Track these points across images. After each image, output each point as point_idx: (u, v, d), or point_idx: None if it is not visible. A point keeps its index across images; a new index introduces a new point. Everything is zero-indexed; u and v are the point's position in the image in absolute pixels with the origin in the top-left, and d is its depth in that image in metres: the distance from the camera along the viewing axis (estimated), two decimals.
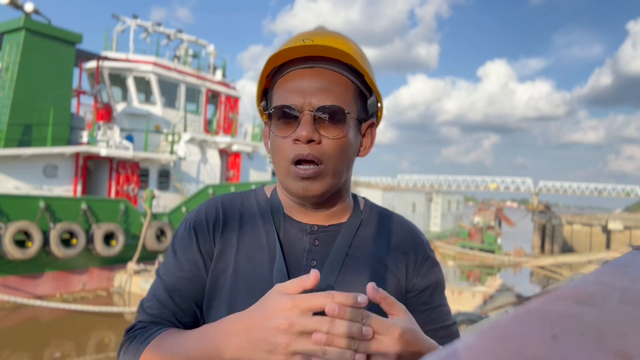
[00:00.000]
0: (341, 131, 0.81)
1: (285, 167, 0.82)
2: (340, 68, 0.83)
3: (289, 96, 0.81)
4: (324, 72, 0.82)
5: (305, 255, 0.85)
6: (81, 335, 9.36)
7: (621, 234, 29.81)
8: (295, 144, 0.80)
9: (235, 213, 0.90)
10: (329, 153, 0.81)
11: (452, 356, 0.20)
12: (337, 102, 0.81)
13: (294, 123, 0.81)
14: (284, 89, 0.83)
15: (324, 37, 0.83)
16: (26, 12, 11.45)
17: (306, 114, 0.80)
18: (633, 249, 0.56)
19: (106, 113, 14.14)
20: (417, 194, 32.74)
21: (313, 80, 0.81)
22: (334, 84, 0.82)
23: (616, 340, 0.21)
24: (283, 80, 0.84)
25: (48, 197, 10.95)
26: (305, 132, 0.79)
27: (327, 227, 0.88)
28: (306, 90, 0.81)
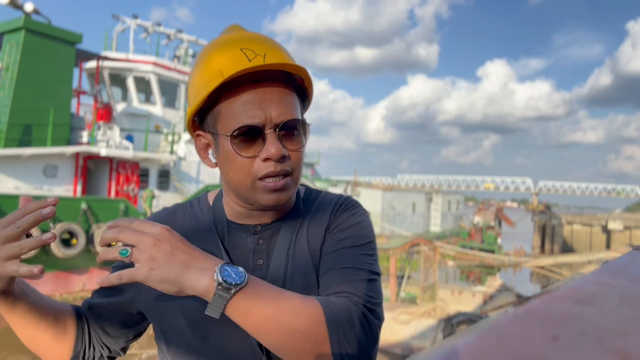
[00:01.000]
0: (301, 142, 0.84)
1: (250, 183, 0.82)
2: (283, 77, 0.83)
3: (246, 114, 0.80)
4: (274, 85, 0.81)
5: (251, 256, 0.87)
6: None
7: (621, 234, 29.81)
8: (265, 162, 0.80)
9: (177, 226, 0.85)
10: (295, 164, 0.83)
11: (452, 356, 0.20)
12: (294, 115, 0.82)
13: (258, 141, 0.80)
14: (238, 107, 0.80)
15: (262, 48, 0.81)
16: (26, 12, 11.45)
17: (270, 132, 0.80)
18: (633, 249, 0.56)
19: (106, 113, 14.13)
20: (417, 194, 32.74)
21: (267, 95, 0.80)
22: (284, 95, 0.82)
23: (616, 340, 0.21)
24: (233, 97, 0.81)
25: (48, 197, 10.96)
26: (275, 151, 0.79)
27: (270, 224, 0.89)
28: (264, 106, 0.80)
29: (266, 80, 0.81)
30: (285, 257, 0.86)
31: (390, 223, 26.25)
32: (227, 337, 0.82)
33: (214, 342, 0.83)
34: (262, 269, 0.85)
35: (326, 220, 0.91)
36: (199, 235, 0.88)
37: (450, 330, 9.11)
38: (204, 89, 0.81)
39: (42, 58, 11.61)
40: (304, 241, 0.89)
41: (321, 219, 0.91)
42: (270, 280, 0.82)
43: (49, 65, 11.75)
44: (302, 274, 0.85)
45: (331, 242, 0.87)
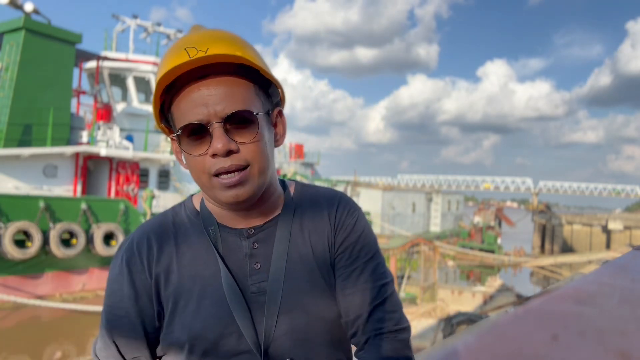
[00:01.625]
0: (256, 133, 0.80)
1: (207, 180, 0.80)
2: (233, 69, 0.80)
3: (192, 112, 0.78)
4: (219, 80, 0.79)
5: (248, 261, 0.85)
6: (81, 335, 9.36)
7: (621, 234, 29.82)
8: (214, 158, 0.78)
9: (168, 237, 0.87)
10: (251, 156, 0.80)
11: (452, 356, 0.20)
12: (242, 106, 0.79)
13: (206, 138, 0.78)
14: (183, 106, 0.79)
15: (207, 42, 0.78)
16: (26, 12, 11.45)
17: (216, 126, 0.78)
18: (633, 249, 0.56)
19: (106, 113, 14.13)
20: (417, 194, 32.73)
21: (211, 90, 0.78)
22: (232, 87, 0.79)
23: (616, 340, 0.21)
24: (180, 97, 0.80)
25: (48, 197, 10.95)
26: (221, 145, 0.77)
27: (263, 225, 0.88)
28: (207, 102, 0.78)
29: (211, 75, 0.79)
30: (285, 258, 0.85)
31: (390, 223, 26.25)
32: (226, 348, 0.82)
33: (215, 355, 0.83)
34: (260, 273, 0.84)
35: (327, 220, 0.90)
36: (192, 242, 0.86)
37: (450, 330, 9.10)
38: (155, 93, 0.81)
39: (42, 58, 11.62)
40: (303, 240, 0.88)
41: (320, 218, 0.90)
42: (272, 282, 0.83)
43: (49, 65, 11.75)
44: (305, 273, 0.85)
45: (346, 256, 0.88)
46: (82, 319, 9.88)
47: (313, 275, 0.86)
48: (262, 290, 0.83)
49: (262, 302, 0.83)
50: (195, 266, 0.84)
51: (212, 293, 0.82)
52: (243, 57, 0.79)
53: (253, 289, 0.83)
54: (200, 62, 0.77)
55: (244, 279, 0.83)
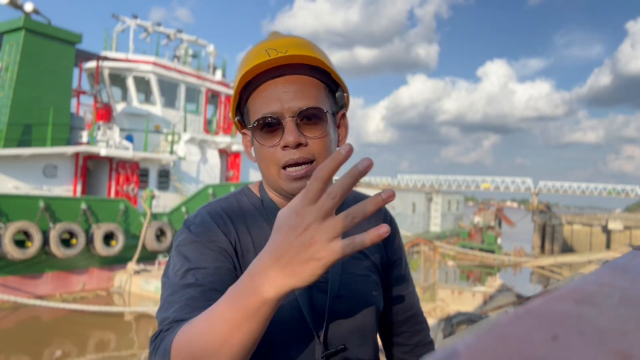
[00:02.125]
0: (323, 130, 0.87)
1: (276, 172, 0.87)
2: (307, 70, 0.88)
3: (267, 106, 0.85)
4: (294, 78, 0.86)
5: None
6: (81, 335, 9.36)
7: (621, 234, 29.81)
8: (284, 150, 0.85)
9: (237, 218, 0.91)
10: (317, 151, 0.86)
11: (452, 356, 0.20)
12: (313, 103, 0.86)
13: (278, 131, 0.85)
14: (260, 101, 0.87)
15: (286, 46, 0.86)
16: (26, 12, 11.45)
17: (288, 120, 0.84)
18: (633, 249, 0.56)
19: (106, 113, 14.13)
20: (417, 194, 32.72)
21: (286, 87, 0.85)
22: (305, 86, 0.87)
23: (616, 340, 0.21)
24: (257, 93, 0.87)
25: (48, 197, 10.95)
26: (292, 138, 0.83)
27: None
28: (282, 98, 0.85)
29: (288, 74, 0.86)
30: None
31: None
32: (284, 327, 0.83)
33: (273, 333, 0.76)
34: None
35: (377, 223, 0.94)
36: (260, 226, 0.92)
37: (450, 330, 9.10)
38: (235, 90, 0.91)
39: (42, 58, 11.61)
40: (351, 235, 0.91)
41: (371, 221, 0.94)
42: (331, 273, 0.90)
43: (49, 65, 11.74)
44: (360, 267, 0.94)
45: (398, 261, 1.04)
46: (82, 319, 9.88)
47: (367, 270, 0.96)
48: (324, 279, 0.88)
49: (324, 289, 0.88)
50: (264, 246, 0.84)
51: None
52: (317, 59, 0.87)
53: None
54: (279, 62, 0.85)
55: None
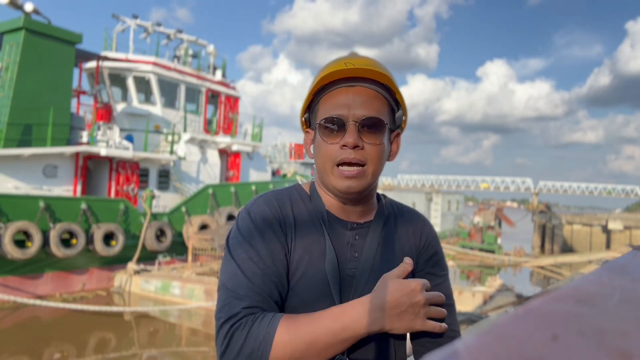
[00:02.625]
0: (380, 139, 0.98)
1: (330, 168, 0.97)
2: (376, 86, 0.99)
3: (336, 109, 0.97)
4: (364, 90, 0.98)
5: (349, 248, 1.00)
6: (81, 335, 9.36)
7: (621, 234, 29.79)
8: (342, 149, 0.96)
9: (287, 209, 1.01)
10: (370, 157, 0.97)
11: (452, 356, 0.20)
12: (376, 114, 0.97)
13: (341, 131, 0.96)
14: (330, 104, 0.98)
15: (361, 61, 0.98)
16: (26, 12, 11.44)
17: (351, 123, 0.96)
18: (633, 249, 0.56)
19: (106, 113, 14.13)
20: (417, 194, 32.73)
21: (356, 96, 0.97)
22: (372, 99, 0.98)
23: (616, 340, 0.21)
24: (329, 97, 0.99)
25: (48, 197, 10.95)
26: (352, 139, 0.94)
27: (362, 224, 1.04)
28: (350, 104, 0.97)
29: (359, 86, 0.98)
30: (373, 255, 1.01)
31: None
32: None
33: None
34: (357, 261, 0.99)
35: (413, 234, 1.09)
36: (306, 219, 1.01)
37: None
38: (310, 90, 1.02)
39: (42, 58, 11.61)
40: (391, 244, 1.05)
41: (407, 230, 1.09)
42: (360, 271, 0.99)
43: (49, 65, 11.74)
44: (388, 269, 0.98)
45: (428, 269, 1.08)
46: (82, 319, 9.88)
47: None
48: (354, 275, 0.98)
49: (352, 284, 0.98)
50: (309, 241, 0.98)
51: (317, 267, 0.96)
52: (387, 77, 0.99)
53: (349, 272, 0.98)
54: (353, 73, 0.97)
55: (344, 263, 0.98)
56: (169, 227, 12.95)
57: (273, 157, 23.04)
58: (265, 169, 18.81)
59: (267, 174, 18.73)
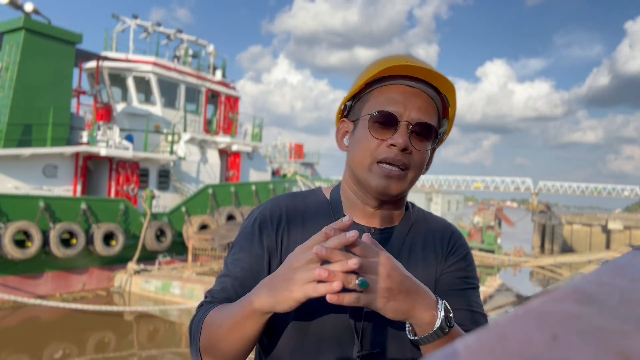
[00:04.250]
0: (427, 146, 0.93)
1: (369, 163, 0.91)
2: (433, 94, 0.94)
3: (391, 105, 0.91)
4: (423, 94, 0.93)
5: None
6: (81, 335, 9.35)
7: (621, 234, 29.79)
8: (388, 148, 0.90)
9: (297, 212, 0.98)
10: (414, 163, 0.92)
11: (452, 356, 0.20)
12: (429, 120, 0.92)
13: (390, 129, 0.90)
14: (386, 97, 0.92)
15: (422, 63, 0.92)
16: (26, 12, 11.44)
17: (404, 124, 0.90)
18: (633, 249, 0.56)
19: (106, 113, 14.13)
20: (417, 194, 32.71)
21: (414, 97, 0.92)
22: (429, 105, 0.93)
23: (616, 340, 0.21)
24: (385, 89, 0.93)
25: (48, 197, 10.95)
26: (402, 140, 0.89)
27: (382, 230, 0.98)
28: (407, 104, 0.91)
29: (419, 88, 0.93)
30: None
31: None
32: (326, 320, 0.89)
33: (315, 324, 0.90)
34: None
35: (439, 243, 1.00)
36: (318, 223, 0.94)
37: None
38: (364, 77, 0.95)
39: (41, 58, 11.61)
40: (414, 252, 0.97)
41: (433, 239, 1.00)
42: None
43: (49, 65, 11.74)
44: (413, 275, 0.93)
45: (453, 276, 0.97)
46: (82, 319, 9.88)
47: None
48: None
49: None
50: None
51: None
52: (450, 85, 0.94)
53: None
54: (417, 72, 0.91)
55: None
56: (169, 227, 12.95)
57: (273, 157, 23.04)
58: (265, 169, 18.80)
59: (267, 174, 18.73)
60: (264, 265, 0.93)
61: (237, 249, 0.97)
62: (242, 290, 0.89)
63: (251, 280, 0.90)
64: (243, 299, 0.82)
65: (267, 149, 22.61)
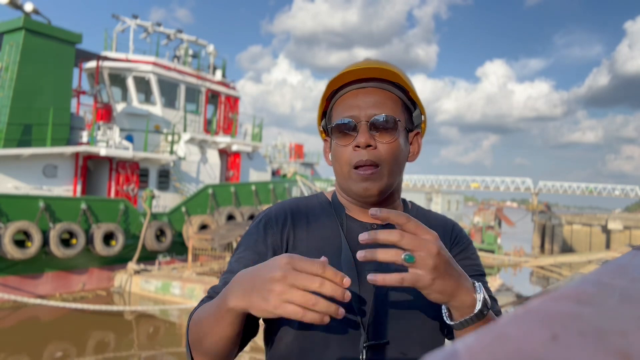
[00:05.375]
0: (393, 137, 0.95)
1: (347, 171, 0.96)
2: (388, 86, 0.98)
3: (347, 111, 0.96)
4: (375, 90, 0.97)
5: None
6: (81, 335, 9.35)
7: (621, 234, 29.79)
8: (355, 151, 0.94)
9: (301, 214, 1.01)
10: (384, 156, 0.94)
11: (452, 356, 0.20)
12: (387, 113, 0.95)
13: (353, 133, 0.95)
14: (342, 107, 0.98)
15: (372, 63, 0.97)
16: (26, 12, 11.44)
17: (363, 124, 0.94)
18: (633, 249, 0.56)
19: (106, 113, 14.13)
20: (417, 194, 32.72)
21: (367, 97, 0.96)
22: (384, 98, 0.97)
23: (616, 340, 0.21)
24: (340, 101, 0.99)
25: (48, 197, 10.95)
26: (363, 139, 0.93)
27: (384, 226, 0.97)
28: (361, 105, 0.95)
29: (370, 87, 0.97)
30: None
31: None
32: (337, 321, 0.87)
33: None
34: (376, 264, 0.90)
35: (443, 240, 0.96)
36: (322, 222, 1.00)
37: None
38: (323, 96, 1.03)
39: (41, 58, 11.61)
40: None
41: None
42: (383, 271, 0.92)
43: (49, 65, 11.74)
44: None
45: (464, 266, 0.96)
46: (82, 319, 9.88)
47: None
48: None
49: (371, 289, 0.91)
50: (322, 241, 0.97)
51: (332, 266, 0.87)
52: (397, 74, 0.96)
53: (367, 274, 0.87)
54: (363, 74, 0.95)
55: (361, 264, 0.92)
56: (169, 227, 12.95)
57: (273, 157, 23.04)
58: (265, 169, 18.80)
59: (267, 174, 18.73)
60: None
61: (242, 248, 0.98)
62: None
63: None
64: (220, 294, 0.80)
65: (267, 149, 22.60)
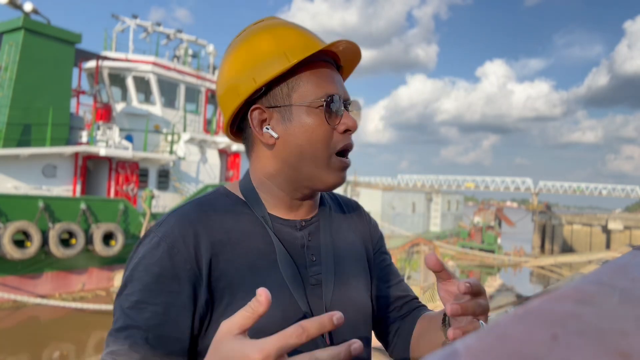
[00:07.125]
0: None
1: (326, 157, 0.79)
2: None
3: (330, 86, 0.80)
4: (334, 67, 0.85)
5: (305, 252, 0.83)
6: (81, 335, 9.36)
7: (621, 234, 29.82)
8: (344, 134, 0.80)
9: (214, 223, 0.78)
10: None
11: (452, 356, 0.20)
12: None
13: (335, 114, 0.79)
14: (316, 79, 0.79)
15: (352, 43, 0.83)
16: (25, 11, 11.44)
17: (353, 104, 0.83)
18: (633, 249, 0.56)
19: (105, 113, 14.12)
20: (417, 194, 32.71)
21: (336, 75, 0.83)
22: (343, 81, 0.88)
23: (616, 340, 0.21)
24: (312, 70, 0.79)
25: (47, 197, 10.94)
26: (353, 123, 0.80)
27: (310, 219, 0.87)
28: (336, 83, 0.81)
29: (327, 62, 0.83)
30: (332, 252, 0.86)
31: (390, 223, 26.26)
32: None
33: None
34: (316, 265, 0.83)
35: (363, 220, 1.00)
36: (244, 230, 0.80)
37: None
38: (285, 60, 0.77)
39: (41, 58, 11.60)
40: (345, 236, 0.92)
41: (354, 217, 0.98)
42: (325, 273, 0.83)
43: (48, 65, 11.73)
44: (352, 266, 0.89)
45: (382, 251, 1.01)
46: (82, 319, 9.88)
47: (357, 268, 0.91)
48: (319, 282, 0.82)
49: (319, 294, 0.81)
50: (250, 255, 0.77)
51: (273, 284, 0.75)
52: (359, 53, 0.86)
53: (312, 280, 0.81)
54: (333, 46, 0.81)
55: (304, 271, 0.81)
56: None
57: None
58: None
59: None
60: (184, 302, 0.71)
61: (137, 287, 0.71)
62: (161, 344, 0.68)
63: (171, 327, 0.69)
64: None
65: None
